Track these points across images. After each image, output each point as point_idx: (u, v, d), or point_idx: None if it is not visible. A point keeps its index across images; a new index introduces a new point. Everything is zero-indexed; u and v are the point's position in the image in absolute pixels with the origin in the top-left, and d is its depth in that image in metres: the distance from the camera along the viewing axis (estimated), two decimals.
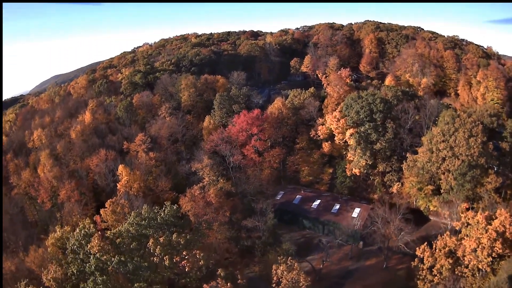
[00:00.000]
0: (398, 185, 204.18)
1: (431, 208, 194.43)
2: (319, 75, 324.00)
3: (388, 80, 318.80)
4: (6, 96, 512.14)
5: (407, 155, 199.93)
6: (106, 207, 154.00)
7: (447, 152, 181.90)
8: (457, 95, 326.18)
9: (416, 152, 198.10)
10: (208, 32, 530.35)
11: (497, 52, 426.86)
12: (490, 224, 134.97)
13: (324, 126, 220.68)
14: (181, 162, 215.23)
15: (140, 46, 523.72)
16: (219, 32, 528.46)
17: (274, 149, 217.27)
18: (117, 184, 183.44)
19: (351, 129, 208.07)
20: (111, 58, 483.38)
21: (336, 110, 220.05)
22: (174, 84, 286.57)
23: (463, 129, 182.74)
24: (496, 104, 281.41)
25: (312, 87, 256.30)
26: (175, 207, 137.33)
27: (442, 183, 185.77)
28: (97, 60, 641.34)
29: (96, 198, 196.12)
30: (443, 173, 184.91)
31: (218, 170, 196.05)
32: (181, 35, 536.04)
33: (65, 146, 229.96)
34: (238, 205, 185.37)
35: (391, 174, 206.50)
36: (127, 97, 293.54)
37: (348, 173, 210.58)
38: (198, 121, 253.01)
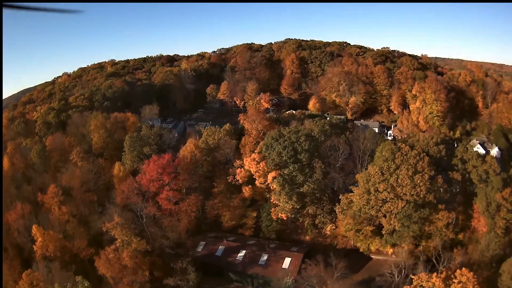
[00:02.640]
0: (332, 227, 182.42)
1: (372, 249, 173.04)
2: (237, 102, 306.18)
3: (313, 103, 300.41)
4: None
5: (340, 197, 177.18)
6: (23, 279, 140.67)
7: (388, 193, 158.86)
8: (389, 111, 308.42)
9: (350, 191, 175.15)
10: (125, 59, 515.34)
11: (434, 58, 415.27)
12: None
13: (242, 169, 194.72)
14: (93, 216, 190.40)
15: (59, 76, 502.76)
16: (136, 58, 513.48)
17: (190, 196, 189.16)
18: (33, 246, 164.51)
19: (274, 172, 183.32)
20: (31, 93, 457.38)
21: (255, 152, 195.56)
22: (85, 123, 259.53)
23: (406, 165, 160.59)
24: (436, 117, 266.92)
25: (228, 124, 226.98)
26: (86, 285, 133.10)
27: (383, 224, 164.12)
28: (26, 87, 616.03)
29: (20, 253, 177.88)
30: (384, 216, 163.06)
31: (130, 228, 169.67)
32: (98, 63, 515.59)
33: None
34: (157, 262, 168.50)
35: (323, 216, 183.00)
36: (41, 139, 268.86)
37: (274, 217, 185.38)
38: (111, 164, 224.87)
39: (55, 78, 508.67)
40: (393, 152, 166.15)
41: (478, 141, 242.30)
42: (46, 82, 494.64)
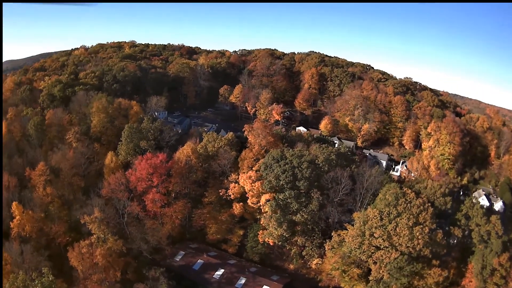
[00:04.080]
0: (318, 261, 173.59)
1: None
2: (248, 108, 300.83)
3: (325, 123, 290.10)
4: None
5: (332, 234, 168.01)
6: None
7: (383, 241, 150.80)
8: (401, 145, 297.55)
9: (345, 228, 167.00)
10: (145, 43, 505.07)
11: (453, 95, 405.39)
12: None
13: (237, 184, 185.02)
14: (77, 202, 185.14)
15: (77, 48, 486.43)
16: (156, 43, 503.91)
17: (178, 201, 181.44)
18: (10, 223, 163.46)
19: (268, 194, 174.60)
20: (44, 60, 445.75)
21: (253, 169, 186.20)
22: (89, 104, 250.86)
23: (407, 214, 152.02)
24: (446, 160, 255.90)
25: (231, 133, 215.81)
26: (51, 278, 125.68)
27: (372, 270, 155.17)
28: (49, 51, 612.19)
29: None
30: (375, 263, 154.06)
31: (109, 226, 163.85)
32: (117, 42, 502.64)
33: None
34: (131, 264, 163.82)
35: (311, 249, 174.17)
36: (43, 111, 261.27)
37: (261, 240, 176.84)
38: (107, 151, 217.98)
39: (72, 49, 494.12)
40: (397, 197, 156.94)
41: (484, 192, 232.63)
42: (63, 51, 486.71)
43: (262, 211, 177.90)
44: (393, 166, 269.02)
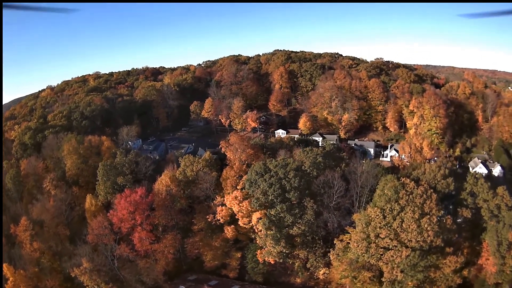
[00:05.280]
0: (325, 271, 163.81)
1: None
2: (222, 120, 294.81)
3: (303, 121, 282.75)
4: None
5: (334, 241, 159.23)
6: None
7: (391, 241, 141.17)
8: (385, 128, 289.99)
9: (346, 232, 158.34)
10: (109, 72, 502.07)
11: (426, 66, 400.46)
12: None
13: (224, 207, 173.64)
14: (66, 251, 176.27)
15: (43, 90, 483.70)
16: (120, 71, 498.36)
17: (167, 235, 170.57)
18: (5, 286, 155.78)
19: (258, 212, 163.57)
20: (14, 107, 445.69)
21: (237, 187, 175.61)
22: (60, 146, 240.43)
23: (411, 207, 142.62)
24: (435, 134, 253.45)
25: (208, 153, 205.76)
26: None
27: (384, 272, 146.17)
28: (19, 96, 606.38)
29: None
30: (386, 264, 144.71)
31: (100, 275, 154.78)
32: (82, 76, 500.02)
33: None
34: None
35: (315, 260, 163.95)
36: (18, 161, 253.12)
37: (260, 260, 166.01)
38: (87, 192, 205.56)
39: (39, 91, 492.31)
40: (396, 191, 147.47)
41: (480, 160, 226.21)
42: (31, 94, 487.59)
43: (256, 230, 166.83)
44: (382, 152, 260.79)
